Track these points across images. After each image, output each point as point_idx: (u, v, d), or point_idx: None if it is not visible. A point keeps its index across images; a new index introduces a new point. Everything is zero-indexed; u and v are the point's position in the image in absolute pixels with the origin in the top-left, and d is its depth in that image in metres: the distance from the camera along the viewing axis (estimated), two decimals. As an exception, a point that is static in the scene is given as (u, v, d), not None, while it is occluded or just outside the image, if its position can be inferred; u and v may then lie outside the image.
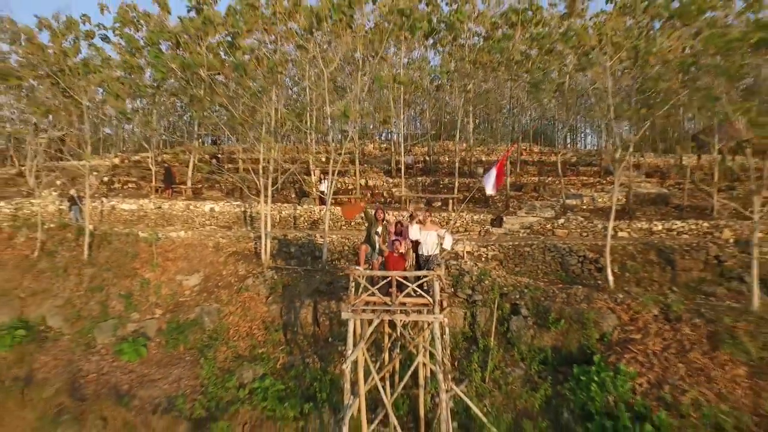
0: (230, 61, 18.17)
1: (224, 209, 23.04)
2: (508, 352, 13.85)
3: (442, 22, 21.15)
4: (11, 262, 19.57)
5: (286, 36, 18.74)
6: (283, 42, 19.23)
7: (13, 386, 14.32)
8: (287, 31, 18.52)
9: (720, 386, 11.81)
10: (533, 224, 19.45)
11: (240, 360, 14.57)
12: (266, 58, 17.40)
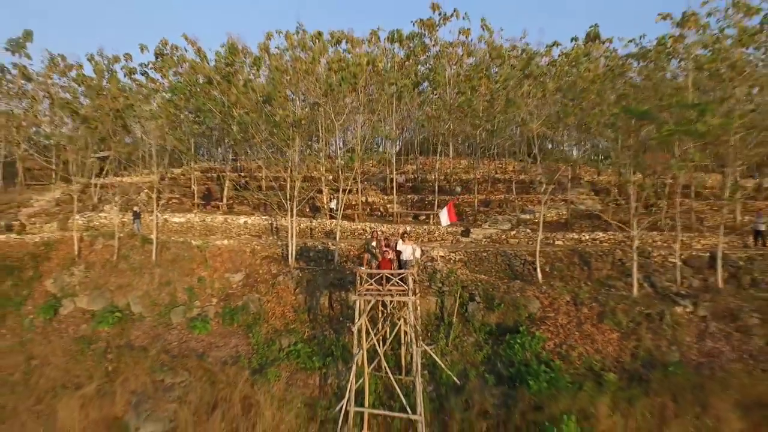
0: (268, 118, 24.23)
1: (255, 222, 29.23)
2: (465, 327, 19.98)
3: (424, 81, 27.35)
4: (98, 263, 25.75)
5: (306, 94, 24.90)
6: (305, 98, 25.39)
7: (123, 350, 20.51)
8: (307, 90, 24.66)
9: (598, 345, 18.00)
10: (493, 235, 25.62)
11: (278, 333, 20.72)
12: (293, 114, 23.49)
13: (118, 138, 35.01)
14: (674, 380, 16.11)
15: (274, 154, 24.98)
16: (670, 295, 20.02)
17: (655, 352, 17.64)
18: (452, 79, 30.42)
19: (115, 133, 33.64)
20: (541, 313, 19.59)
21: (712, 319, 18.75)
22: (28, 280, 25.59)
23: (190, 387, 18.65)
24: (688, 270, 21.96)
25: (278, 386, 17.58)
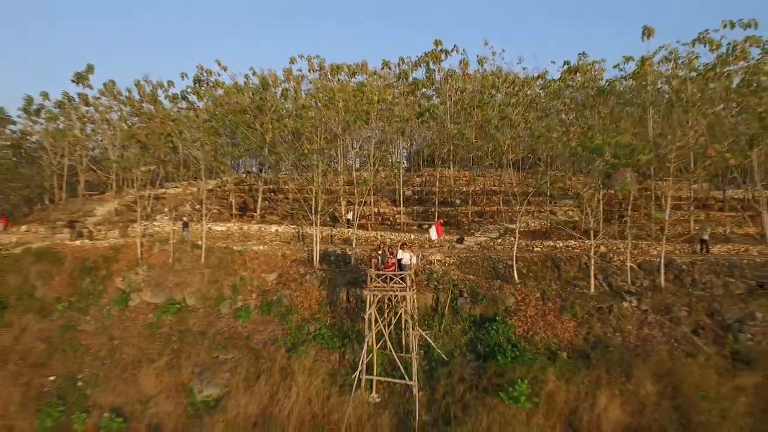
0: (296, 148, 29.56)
1: (284, 230, 34.69)
2: (454, 317, 25.05)
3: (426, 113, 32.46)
4: (157, 265, 31.45)
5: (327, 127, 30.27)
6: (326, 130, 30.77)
7: (184, 334, 26.10)
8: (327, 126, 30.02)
9: (557, 331, 22.93)
10: (483, 242, 30.62)
11: (306, 321, 26.07)
12: (318, 143, 28.78)
13: (167, 157, 41.00)
14: (611, 357, 20.97)
15: (299, 173, 30.41)
16: (621, 293, 24.83)
17: (602, 337, 22.50)
18: (451, 109, 35.48)
19: (165, 154, 39.59)
20: (515, 306, 24.56)
21: (651, 311, 23.52)
22: (102, 278, 31.44)
23: (239, 361, 24.13)
24: (641, 272, 26.71)
25: (308, 360, 22.92)
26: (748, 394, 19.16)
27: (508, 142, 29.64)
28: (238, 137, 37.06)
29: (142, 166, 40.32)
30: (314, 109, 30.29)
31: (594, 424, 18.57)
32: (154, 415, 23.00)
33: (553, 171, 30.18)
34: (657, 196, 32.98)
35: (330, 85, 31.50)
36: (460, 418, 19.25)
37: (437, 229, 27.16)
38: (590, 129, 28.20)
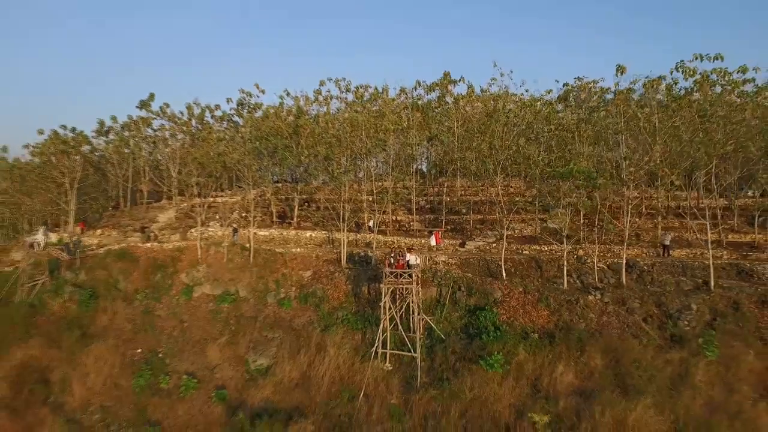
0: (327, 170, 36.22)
1: (317, 235, 41.47)
2: (453, 306, 31.27)
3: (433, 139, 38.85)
4: (214, 264, 38.58)
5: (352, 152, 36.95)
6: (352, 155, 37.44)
7: (239, 318, 33.12)
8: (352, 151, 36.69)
9: (533, 318, 28.97)
10: (482, 246, 36.74)
11: (335, 308, 32.70)
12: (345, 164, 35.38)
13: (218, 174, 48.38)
14: (571, 338, 26.95)
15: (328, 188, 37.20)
16: (589, 288, 30.67)
17: (569, 323, 28.44)
18: (458, 131, 41.66)
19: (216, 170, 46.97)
20: (501, 298, 30.65)
21: (611, 303, 29.33)
22: (170, 274, 38.76)
23: (283, 339, 30.98)
24: (610, 272, 32.42)
25: (337, 338, 29.59)
26: (674, 364, 24.97)
27: (502, 163, 35.75)
28: (278, 157, 44.00)
29: (196, 178, 47.89)
30: (342, 137, 36.84)
31: (551, 386, 24.65)
32: (219, 378, 30.03)
33: (539, 186, 35.93)
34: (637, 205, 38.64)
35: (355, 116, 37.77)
36: (451, 379, 25.59)
37: (436, 237, 33.72)
38: (568, 153, 34.04)
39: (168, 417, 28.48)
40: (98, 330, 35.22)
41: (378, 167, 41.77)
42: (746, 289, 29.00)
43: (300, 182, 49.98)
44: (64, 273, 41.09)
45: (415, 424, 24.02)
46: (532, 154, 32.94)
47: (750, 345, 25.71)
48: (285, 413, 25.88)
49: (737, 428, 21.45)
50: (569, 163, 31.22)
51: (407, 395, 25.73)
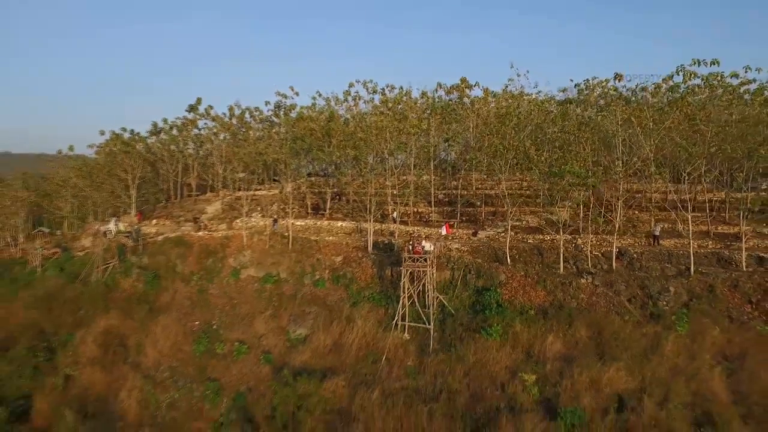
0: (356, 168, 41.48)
1: (347, 225, 46.88)
2: (464, 287, 36.25)
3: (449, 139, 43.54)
4: (258, 250, 44.44)
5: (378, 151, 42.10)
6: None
7: (281, 296, 38.92)
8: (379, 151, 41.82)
9: (531, 297, 33.72)
10: (491, 235, 41.45)
11: (362, 288, 38.09)
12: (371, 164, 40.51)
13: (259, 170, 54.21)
14: (562, 314, 31.64)
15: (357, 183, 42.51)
16: (583, 273, 35.17)
17: (562, 302, 33.09)
18: (474, 131, 46.27)
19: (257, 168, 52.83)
20: (505, 280, 35.44)
21: (600, 285, 33.79)
22: (220, 258, 44.83)
23: (318, 313, 36.59)
24: (603, 259, 36.78)
25: (363, 312, 35.03)
26: (648, 337, 29.46)
27: (509, 162, 40.33)
28: (312, 156, 49.51)
29: (240, 174, 53.92)
30: (369, 139, 41.93)
31: (542, 353, 29.49)
32: (265, 345, 35.88)
33: (541, 183, 40.26)
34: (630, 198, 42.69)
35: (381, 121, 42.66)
36: (458, 346, 30.73)
37: (446, 228, 38.64)
38: (569, 153, 38.33)
39: (224, 375, 34.55)
40: (162, 305, 41.62)
41: (400, 162, 46.69)
42: (722, 274, 33.05)
43: (331, 177, 55.45)
44: (130, 257, 47.80)
45: (427, 382, 29.30)
46: (533, 155, 37.29)
47: (717, 322, 29.96)
48: (320, 372, 31.50)
49: (691, 387, 25.94)
50: (567, 163, 35.55)
51: (421, 359, 31.02)
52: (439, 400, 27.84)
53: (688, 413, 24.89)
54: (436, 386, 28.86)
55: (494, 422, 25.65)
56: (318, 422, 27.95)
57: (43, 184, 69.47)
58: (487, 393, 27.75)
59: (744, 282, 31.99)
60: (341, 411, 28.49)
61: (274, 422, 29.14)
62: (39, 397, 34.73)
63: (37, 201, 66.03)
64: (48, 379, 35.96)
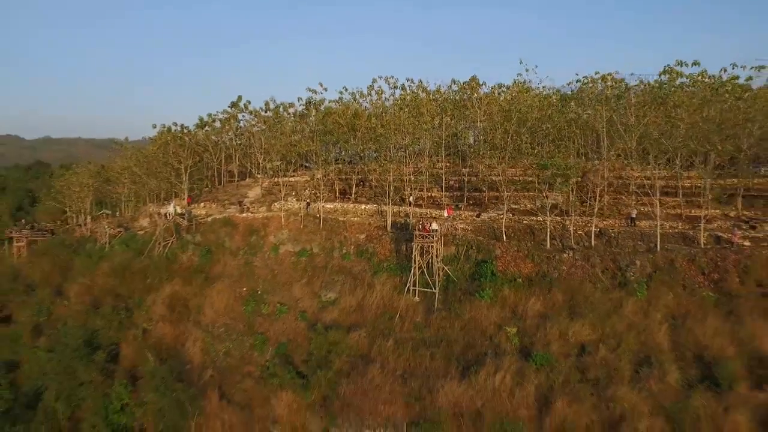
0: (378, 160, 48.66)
1: (369, 208, 54.23)
2: (466, 260, 43.30)
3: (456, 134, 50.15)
4: (294, 229, 52.28)
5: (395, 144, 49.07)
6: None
7: (314, 268, 46.76)
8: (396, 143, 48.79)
9: (521, 268, 40.64)
10: (493, 217, 48.20)
11: (382, 261, 45.56)
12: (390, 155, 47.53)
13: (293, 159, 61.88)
14: (544, 282, 38.50)
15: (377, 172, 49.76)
16: (566, 249, 41.80)
17: (546, 272, 39.86)
18: (481, 125, 52.76)
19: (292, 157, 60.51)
20: (500, 254, 42.32)
21: (579, 259, 40.39)
22: (262, 236, 52.89)
23: (345, 281, 44.29)
24: (586, 237, 43.25)
25: (382, 279, 42.59)
26: (613, 301, 36.12)
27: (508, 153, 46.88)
28: (339, 146, 56.84)
29: (276, 162, 61.66)
30: (388, 134, 48.90)
31: (524, 312, 36.53)
32: (301, 306, 43.80)
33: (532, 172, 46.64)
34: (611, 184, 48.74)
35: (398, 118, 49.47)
36: (456, 306, 38.02)
37: (448, 210, 45.55)
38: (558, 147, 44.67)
39: (269, 330, 42.70)
40: (215, 274, 50.00)
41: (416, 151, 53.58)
42: (683, 250, 39.23)
43: (356, 164, 62.74)
44: (185, 235, 56.35)
45: (430, 333, 36.80)
46: (526, 149, 43.78)
47: (672, 289, 36.34)
48: (346, 327, 39.31)
49: (640, 338, 32.68)
50: (554, 156, 41.96)
51: (427, 316, 38.49)
52: (439, 347, 35.33)
53: (633, 357, 31.72)
54: (437, 337, 36.35)
55: (481, 363, 32.96)
56: (344, 363, 35.76)
57: (102, 171, 78.81)
58: (477, 342, 35.11)
59: (700, 257, 38.09)
60: (362, 355, 36.32)
61: (310, 364, 37.07)
62: (124, 344, 43.71)
63: (100, 187, 75.44)
64: (130, 332, 44.87)
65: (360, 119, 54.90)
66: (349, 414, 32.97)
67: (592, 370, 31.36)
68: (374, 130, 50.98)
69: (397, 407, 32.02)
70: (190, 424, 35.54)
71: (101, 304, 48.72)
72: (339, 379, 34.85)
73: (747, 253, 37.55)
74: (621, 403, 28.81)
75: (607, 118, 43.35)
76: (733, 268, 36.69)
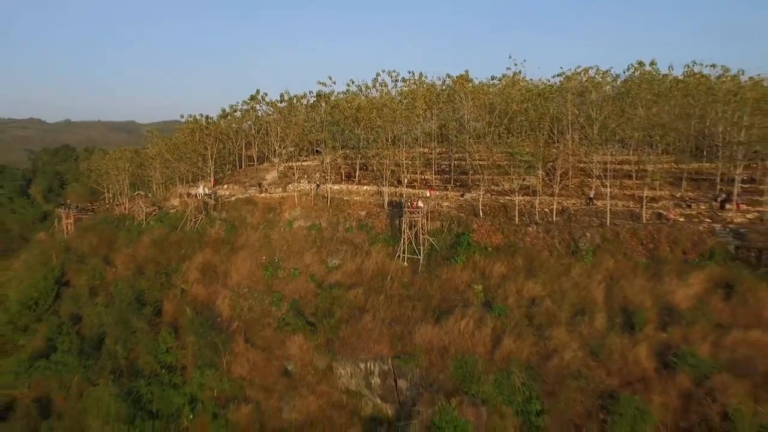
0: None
1: (370, 188, 62.55)
2: (448, 233, 51.57)
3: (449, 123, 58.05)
4: (305, 207, 60.93)
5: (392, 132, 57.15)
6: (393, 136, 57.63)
7: (323, 239, 55.52)
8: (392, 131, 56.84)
9: (492, 239, 48.85)
10: (474, 196, 56.22)
11: (379, 233, 54.06)
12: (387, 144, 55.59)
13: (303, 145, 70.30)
14: (509, 250, 46.68)
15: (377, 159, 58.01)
16: (531, 223, 49.80)
17: (512, 243, 47.98)
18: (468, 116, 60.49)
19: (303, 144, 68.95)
20: (476, 228, 50.49)
21: (541, 232, 48.40)
22: (278, 213, 61.67)
23: (347, 250, 52.99)
24: (550, 214, 51.15)
25: (378, 248, 51.16)
26: (564, 265, 44.19)
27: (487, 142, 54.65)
28: (345, 135, 65.07)
29: (290, 148, 70.11)
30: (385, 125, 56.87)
31: (490, 273, 44.85)
32: (311, 271, 52.67)
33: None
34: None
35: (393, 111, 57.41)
36: (437, 269, 46.52)
37: (430, 191, 53.73)
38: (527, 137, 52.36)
39: (284, 290, 51.68)
40: (239, 245, 59.05)
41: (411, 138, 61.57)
42: (628, 225, 46.99)
43: (360, 150, 70.86)
44: (212, 213, 65.44)
45: (414, 291, 45.44)
46: (501, 137, 51.57)
47: (614, 256, 44.20)
48: (347, 286, 48.11)
49: (581, 294, 40.85)
50: (522, 145, 49.72)
51: (412, 277, 47.10)
52: (420, 300, 44.02)
53: (571, 308, 39.99)
54: (419, 293, 45.01)
55: (452, 312, 41.51)
56: (344, 313, 44.67)
57: (136, 157, 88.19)
58: (450, 296, 43.64)
59: (640, 231, 45.82)
60: (359, 307, 45.20)
61: (317, 314, 46.07)
62: (166, 302, 53.22)
63: (135, 170, 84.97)
64: (170, 292, 54.34)
65: (362, 112, 62.91)
66: (347, 351, 41.98)
67: (537, 318, 39.77)
68: (374, 121, 59.00)
69: (384, 345, 40.89)
70: (222, 361, 44.89)
71: (144, 270, 58.29)
72: (339, 325, 43.83)
73: (679, 227, 45.27)
74: (555, 341, 37.28)
75: (572, 111, 50.82)
76: (665, 239, 44.45)
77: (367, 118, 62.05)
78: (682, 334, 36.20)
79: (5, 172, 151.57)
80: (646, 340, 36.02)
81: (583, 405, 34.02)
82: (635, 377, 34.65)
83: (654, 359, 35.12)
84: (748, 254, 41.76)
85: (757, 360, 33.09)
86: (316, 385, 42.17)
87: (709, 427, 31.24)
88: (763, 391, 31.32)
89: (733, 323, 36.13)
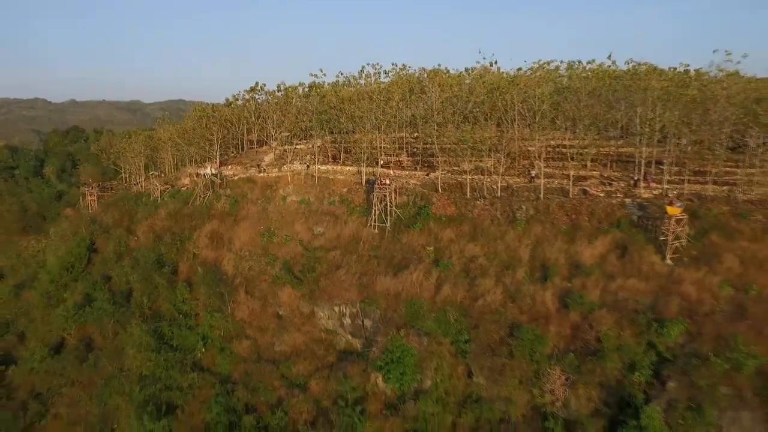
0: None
1: (352, 169, 72.84)
2: (414, 205, 62.06)
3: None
4: (297, 184, 71.56)
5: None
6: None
7: (310, 212, 66.40)
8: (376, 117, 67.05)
9: (447, 211, 59.45)
10: (438, 175, 66.54)
11: (357, 206, 64.69)
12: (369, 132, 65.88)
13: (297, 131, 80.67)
14: (461, 219, 57.26)
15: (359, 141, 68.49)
16: (480, 198, 60.22)
17: (463, 213, 58.50)
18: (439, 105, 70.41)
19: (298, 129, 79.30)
20: (436, 201, 60.93)
21: (488, 204, 58.86)
22: (274, 190, 72.32)
23: (330, 219, 63.81)
24: (497, 190, 61.43)
25: (354, 218, 61.93)
26: (501, 231, 54.75)
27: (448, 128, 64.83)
28: (332, 123, 75.28)
29: (285, 134, 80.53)
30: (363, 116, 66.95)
31: (442, 237, 55.52)
32: (300, 238, 63.47)
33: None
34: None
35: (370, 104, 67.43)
36: (400, 234, 57.29)
37: (394, 171, 64.28)
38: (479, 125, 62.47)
39: (278, 252, 62.65)
40: (241, 217, 69.92)
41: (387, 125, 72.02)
42: (557, 199, 57.29)
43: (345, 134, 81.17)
44: (218, 190, 76.30)
45: (381, 252, 56.29)
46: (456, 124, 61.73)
47: (543, 225, 54.63)
48: (328, 248, 59.03)
49: (510, 253, 51.48)
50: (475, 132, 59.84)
51: (380, 241, 57.93)
52: (384, 259, 54.87)
53: (501, 264, 50.67)
54: (384, 254, 55.86)
55: (407, 267, 52.35)
56: (324, 269, 55.71)
57: (149, 141, 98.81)
58: (408, 256, 54.50)
59: (567, 204, 56.15)
60: (336, 265, 56.20)
61: (303, 271, 57.12)
62: (181, 263, 64.54)
63: (148, 153, 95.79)
64: (184, 255, 65.60)
65: (345, 104, 73.04)
66: (326, 298, 53.13)
67: (472, 271, 50.58)
68: (353, 112, 69.18)
69: (353, 293, 51.96)
70: (227, 308, 56.26)
71: (162, 238, 69.50)
72: (320, 279, 54.91)
73: (598, 201, 55.60)
74: (483, 288, 48.11)
75: (520, 100, 60.71)
76: (585, 211, 54.85)
77: (349, 108, 72.15)
78: (582, 282, 46.84)
79: (19, 153, 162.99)
80: (553, 288, 46.73)
81: (498, 334, 45.02)
82: (541, 315, 45.44)
83: (557, 301, 45.85)
84: (647, 223, 52.15)
85: (628, 300, 43.83)
86: (301, 326, 53.50)
87: (587, 347, 42.25)
88: (626, 321, 42.13)
89: (620, 275, 46.73)
